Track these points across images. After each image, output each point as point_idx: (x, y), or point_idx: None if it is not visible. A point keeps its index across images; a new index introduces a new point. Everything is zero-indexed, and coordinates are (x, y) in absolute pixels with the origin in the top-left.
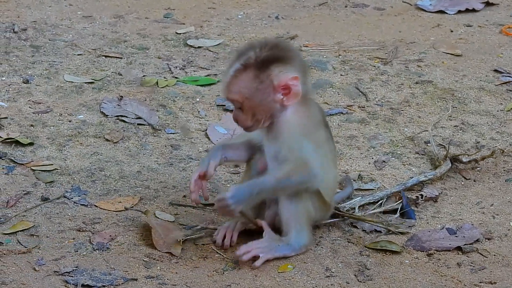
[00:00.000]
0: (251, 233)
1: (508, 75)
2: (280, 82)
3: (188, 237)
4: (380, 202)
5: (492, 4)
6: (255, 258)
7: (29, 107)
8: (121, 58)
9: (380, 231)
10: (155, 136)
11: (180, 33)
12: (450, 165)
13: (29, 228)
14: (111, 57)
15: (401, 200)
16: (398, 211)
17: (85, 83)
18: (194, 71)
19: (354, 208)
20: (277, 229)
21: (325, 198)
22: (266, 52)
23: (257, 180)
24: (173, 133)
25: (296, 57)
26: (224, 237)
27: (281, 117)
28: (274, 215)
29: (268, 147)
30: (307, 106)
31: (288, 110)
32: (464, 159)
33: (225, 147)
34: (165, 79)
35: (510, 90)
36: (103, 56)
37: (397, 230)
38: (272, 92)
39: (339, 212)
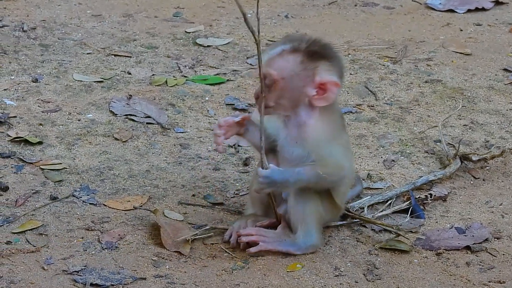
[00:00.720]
0: None
1: None
2: (322, 80)
3: (197, 236)
4: (389, 202)
5: (502, 3)
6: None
7: (38, 106)
8: (130, 57)
9: (389, 231)
10: (164, 135)
11: (190, 32)
12: (460, 163)
13: (38, 227)
14: (120, 56)
15: (410, 201)
16: (409, 214)
17: (94, 82)
18: (203, 70)
19: (363, 208)
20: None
21: (337, 201)
22: (318, 47)
23: (297, 170)
24: (182, 132)
25: (341, 65)
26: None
27: (307, 119)
28: (284, 213)
29: (288, 147)
30: (332, 111)
31: (314, 114)
32: (474, 158)
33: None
34: (174, 78)
35: None
36: (112, 55)
37: (406, 235)
38: (309, 85)
39: (349, 213)
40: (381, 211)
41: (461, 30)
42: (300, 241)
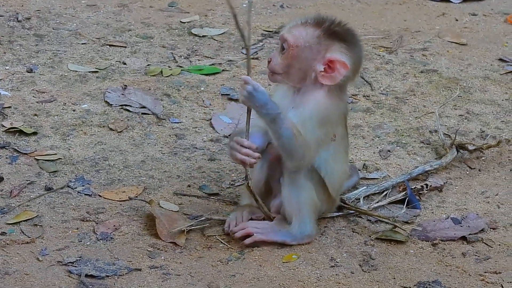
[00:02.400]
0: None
1: None
2: (331, 57)
3: (193, 227)
4: (385, 192)
5: None
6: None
7: (33, 97)
8: (125, 47)
9: (385, 221)
10: (159, 125)
11: (185, 22)
12: (456, 153)
13: (33, 218)
14: (116, 46)
15: (406, 191)
16: (405, 205)
17: (89, 72)
18: (199, 60)
19: (359, 199)
20: (283, 220)
21: (330, 192)
22: (340, 28)
23: (280, 113)
24: (178, 123)
25: (358, 53)
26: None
27: (312, 93)
28: (280, 204)
29: (288, 111)
30: (340, 100)
31: (322, 91)
32: (470, 147)
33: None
34: (170, 68)
35: None
36: (107, 45)
37: (403, 227)
38: (318, 60)
39: (345, 205)
40: (377, 202)
41: (457, 20)
42: (295, 231)
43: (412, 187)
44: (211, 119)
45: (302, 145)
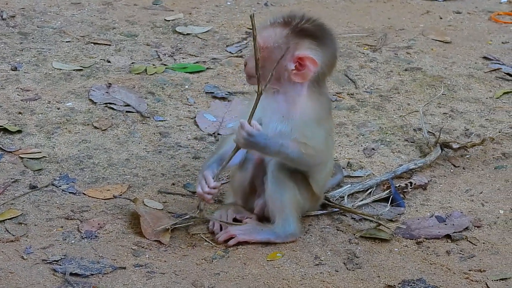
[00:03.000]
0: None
1: (497, 62)
2: (300, 54)
3: (177, 225)
4: (369, 191)
5: None
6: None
7: (17, 95)
8: (109, 45)
9: (370, 220)
10: (143, 123)
11: (169, 20)
12: (440, 151)
13: (17, 216)
14: (100, 44)
15: (390, 189)
16: (389, 203)
17: (74, 70)
18: (183, 58)
19: (344, 197)
20: (267, 219)
21: (314, 189)
22: (309, 24)
23: (282, 141)
24: (162, 121)
25: (331, 48)
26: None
27: (296, 97)
28: (264, 204)
29: (273, 123)
30: (320, 93)
31: (303, 92)
32: (454, 146)
33: (219, 160)
34: (154, 66)
35: (499, 77)
36: (91, 43)
37: (387, 225)
38: (288, 59)
39: (329, 203)
40: (361, 200)
41: (441, 18)
42: (279, 229)
43: (397, 185)
44: (195, 117)
45: (314, 152)
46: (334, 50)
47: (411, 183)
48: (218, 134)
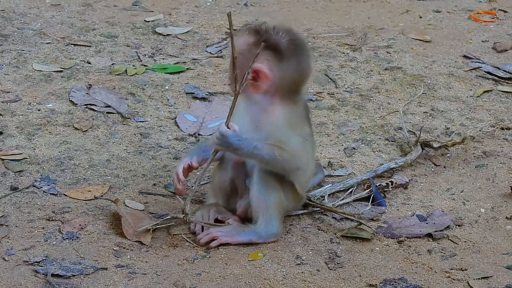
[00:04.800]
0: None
1: (477, 61)
2: (255, 67)
3: (158, 226)
4: (350, 190)
5: None
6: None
7: None
8: (90, 46)
9: (351, 219)
10: (124, 124)
11: (149, 21)
12: (421, 150)
13: None
14: (80, 45)
15: (371, 188)
16: (370, 202)
17: (54, 71)
18: (163, 59)
19: (324, 196)
20: (250, 219)
21: (298, 190)
22: (277, 37)
23: (256, 143)
24: (142, 121)
25: (294, 63)
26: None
27: (268, 105)
28: (247, 205)
29: (248, 132)
30: (294, 103)
31: (275, 101)
32: (435, 145)
33: (205, 147)
34: (134, 67)
35: (480, 76)
36: (71, 44)
37: (368, 223)
38: (249, 68)
39: (311, 202)
40: (342, 199)
41: (421, 17)
42: (261, 230)
43: (377, 184)
44: (176, 118)
45: (290, 156)
46: (299, 66)
47: (392, 182)
48: (199, 134)
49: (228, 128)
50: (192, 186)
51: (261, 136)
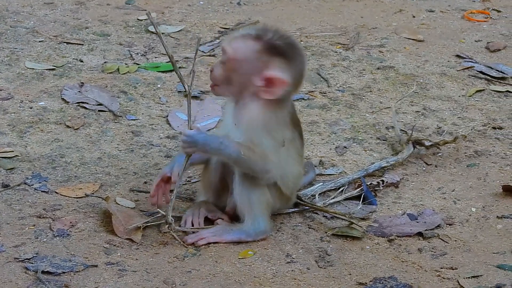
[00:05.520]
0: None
1: (470, 60)
2: (271, 75)
3: (149, 223)
4: (341, 189)
5: None
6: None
7: None
8: (82, 44)
9: (341, 218)
10: (116, 122)
11: (142, 20)
12: (413, 149)
13: None
14: (73, 43)
15: (362, 187)
16: (361, 201)
17: (46, 69)
18: (155, 57)
19: (315, 195)
20: (238, 217)
21: (283, 191)
22: (281, 41)
23: (221, 140)
24: (134, 120)
25: (300, 66)
26: (192, 224)
27: (249, 106)
28: (233, 204)
29: (230, 131)
30: (280, 106)
31: (257, 103)
32: (426, 143)
33: (183, 157)
34: (126, 65)
35: (472, 76)
36: (64, 42)
37: (359, 223)
38: (257, 75)
39: (301, 202)
40: (333, 198)
41: (414, 17)
42: (249, 228)
43: (368, 183)
44: (167, 116)
45: (258, 158)
46: (303, 69)
47: (383, 181)
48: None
49: (191, 129)
50: (171, 196)
51: (236, 133)
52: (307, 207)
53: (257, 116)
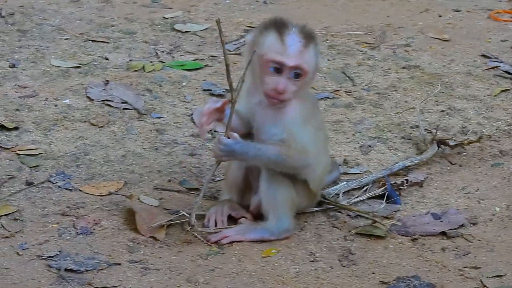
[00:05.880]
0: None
1: (495, 60)
2: (319, 65)
3: (172, 221)
4: (365, 188)
5: None
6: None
7: (15, 92)
8: (108, 42)
9: (365, 216)
10: (140, 120)
11: (168, 18)
12: (437, 148)
13: (13, 212)
14: (98, 41)
15: (386, 186)
16: (385, 200)
17: (72, 67)
18: (181, 55)
19: (339, 194)
20: (262, 216)
21: (311, 187)
22: (308, 31)
23: (259, 146)
24: (159, 118)
25: (317, 53)
26: (215, 223)
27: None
28: (260, 201)
29: (266, 128)
30: (308, 94)
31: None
32: (451, 143)
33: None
34: (152, 63)
35: (498, 75)
36: (90, 40)
37: (382, 222)
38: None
39: (325, 200)
40: (357, 197)
41: (440, 16)
42: (273, 226)
43: (392, 182)
44: (192, 114)
45: (298, 153)
46: (319, 54)
47: (407, 180)
48: (215, 131)
49: (228, 138)
50: (197, 198)
51: (279, 130)
52: (330, 206)
53: (298, 109)
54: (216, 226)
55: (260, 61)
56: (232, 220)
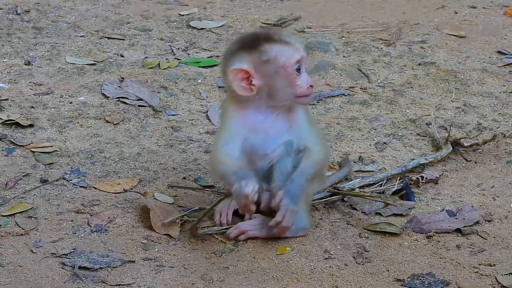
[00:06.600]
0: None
1: (511, 56)
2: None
3: (187, 219)
4: (380, 183)
5: None
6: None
7: (30, 89)
8: (123, 39)
9: (380, 214)
10: (155, 117)
11: (183, 15)
12: (451, 149)
13: (28, 210)
14: (114, 38)
15: (401, 181)
16: (399, 194)
17: (87, 64)
18: (197, 52)
19: (354, 189)
20: (274, 212)
21: (323, 172)
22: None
23: (295, 174)
24: (174, 115)
25: None
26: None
27: (291, 109)
28: (271, 197)
29: (275, 135)
30: None
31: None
32: (465, 143)
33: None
34: (167, 60)
35: None
36: (105, 37)
37: (395, 203)
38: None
39: (337, 191)
40: (371, 190)
41: (456, 13)
42: None
43: (408, 178)
44: (207, 111)
45: (324, 149)
46: None
47: (422, 177)
48: None
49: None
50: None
51: (292, 136)
52: (342, 194)
53: (302, 110)
54: (226, 220)
55: (282, 72)
56: (239, 215)
